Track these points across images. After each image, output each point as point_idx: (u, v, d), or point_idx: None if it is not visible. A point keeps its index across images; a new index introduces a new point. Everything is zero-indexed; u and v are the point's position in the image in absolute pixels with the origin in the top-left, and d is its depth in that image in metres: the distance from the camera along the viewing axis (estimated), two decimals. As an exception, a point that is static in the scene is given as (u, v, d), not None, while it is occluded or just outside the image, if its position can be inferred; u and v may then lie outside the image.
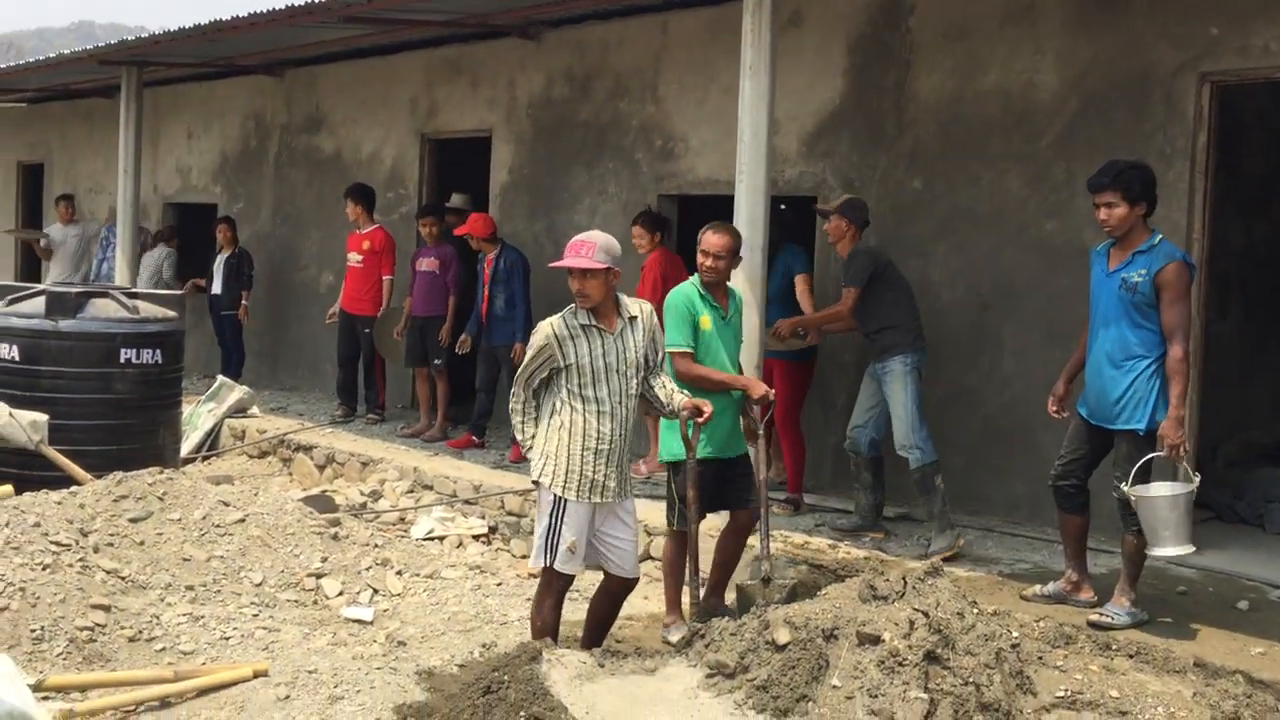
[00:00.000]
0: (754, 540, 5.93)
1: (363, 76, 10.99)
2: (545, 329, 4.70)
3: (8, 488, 4.52)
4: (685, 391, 5.07)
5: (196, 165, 13.25)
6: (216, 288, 11.26)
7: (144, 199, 12.21)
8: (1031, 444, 6.57)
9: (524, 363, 4.76)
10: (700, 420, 4.97)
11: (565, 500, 4.67)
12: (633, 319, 4.78)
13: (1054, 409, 5.41)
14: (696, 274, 5.52)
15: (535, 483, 4.80)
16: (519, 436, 4.86)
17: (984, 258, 6.82)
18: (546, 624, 4.79)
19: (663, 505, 5.66)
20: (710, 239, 5.43)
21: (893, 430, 6.26)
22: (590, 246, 4.64)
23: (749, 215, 6.17)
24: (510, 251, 8.60)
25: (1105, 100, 6.42)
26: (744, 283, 6.12)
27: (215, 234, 11.50)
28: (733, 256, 5.50)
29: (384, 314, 9.65)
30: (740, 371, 5.54)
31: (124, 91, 11.25)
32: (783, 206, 7.39)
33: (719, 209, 7.06)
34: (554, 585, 4.83)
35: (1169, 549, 4.89)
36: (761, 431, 5.36)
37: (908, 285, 6.50)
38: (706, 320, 5.41)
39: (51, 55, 12.29)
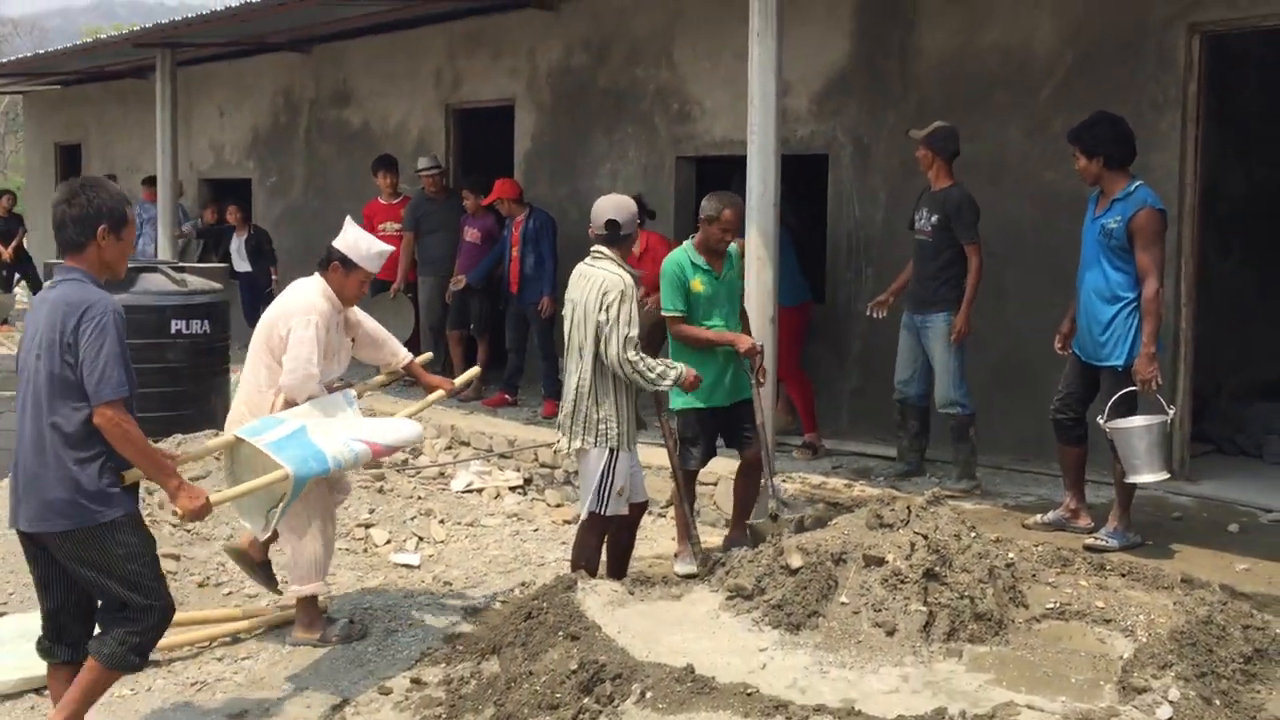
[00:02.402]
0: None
1: (387, 51, 11.33)
2: (626, 278, 5.06)
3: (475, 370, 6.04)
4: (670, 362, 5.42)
5: (229, 141, 13.65)
6: (246, 266, 11.69)
7: (180, 176, 12.62)
8: (1036, 385, 6.87)
9: (629, 319, 4.96)
10: None
11: (618, 452, 5.06)
12: None
13: (1059, 346, 5.74)
14: (689, 240, 5.85)
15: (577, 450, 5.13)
16: (669, 377, 5.06)
17: (988, 208, 7.08)
18: (590, 561, 5.22)
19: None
20: (729, 217, 5.73)
21: (935, 387, 6.51)
22: None
23: (760, 174, 6.47)
24: (539, 213, 8.96)
25: (1100, 52, 6.69)
26: (757, 237, 6.46)
27: (226, 216, 11.96)
28: (738, 224, 5.84)
29: (379, 299, 9.90)
30: (741, 322, 5.88)
31: (159, 72, 11.64)
32: None
33: (735, 168, 7.39)
34: (598, 527, 5.23)
35: (1143, 476, 5.22)
36: (757, 381, 5.75)
37: None
38: (698, 283, 5.75)
39: (89, 40, 12.71)
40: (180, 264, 8.85)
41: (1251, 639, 4.10)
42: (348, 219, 5.30)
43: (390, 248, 5.25)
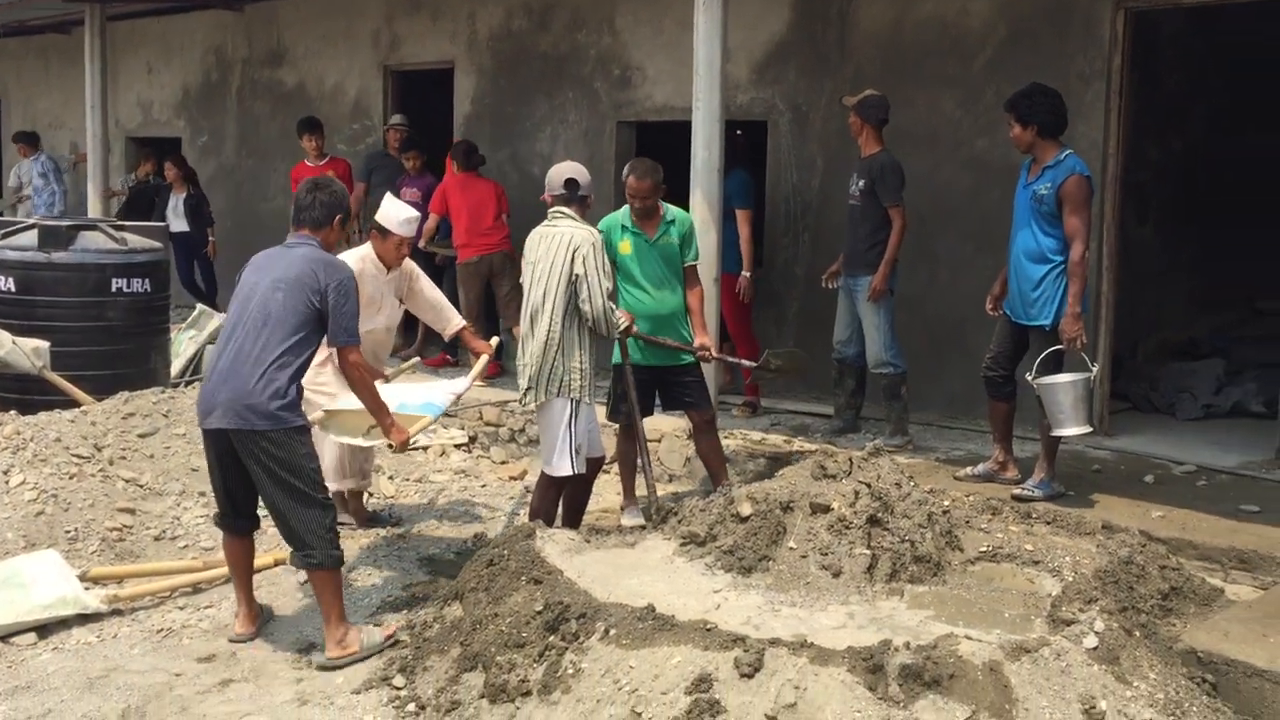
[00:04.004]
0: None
1: (324, 10, 11.26)
2: (594, 232, 5.26)
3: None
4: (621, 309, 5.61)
5: (158, 99, 13.44)
6: (183, 227, 11.46)
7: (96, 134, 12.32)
8: (966, 346, 7.18)
9: (606, 270, 5.24)
10: None
11: (580, 404, 5.21)
12: None
13: (990, 308, 6.03)
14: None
15: (539, 403, 5.28)
16: (620, 322, 5.37)
17: (921, 176, 7.35)
18: (548, 514, 5.41)
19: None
20: (633, 184, 5.82)
21: (867, 348, 6.77)
22: None
23: (705, 139, 6.67)
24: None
25: (1031, 26, 6.97)
26: (702, 202, 6.66)
27: (165, 173, 11.74)
28: (656, 190, 5.85)
29: None
30: (665, 284, 5.91)
31: (88, 28, 11.44)
32: (739, 132, 7.86)
33: (676, 134, 7.57)
34: (558, 482, 5.40)
35: (1067, 429, 5.53)
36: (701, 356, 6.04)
37: None
38: (626, 245, 5.88)
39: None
40: (120, 222, 8.77)
41: (1168, 578, 4.43)
42: (387, 194, 6.03)
43: (417, 213, 5.80)
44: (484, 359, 5.94)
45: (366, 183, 9.95)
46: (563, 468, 5.28)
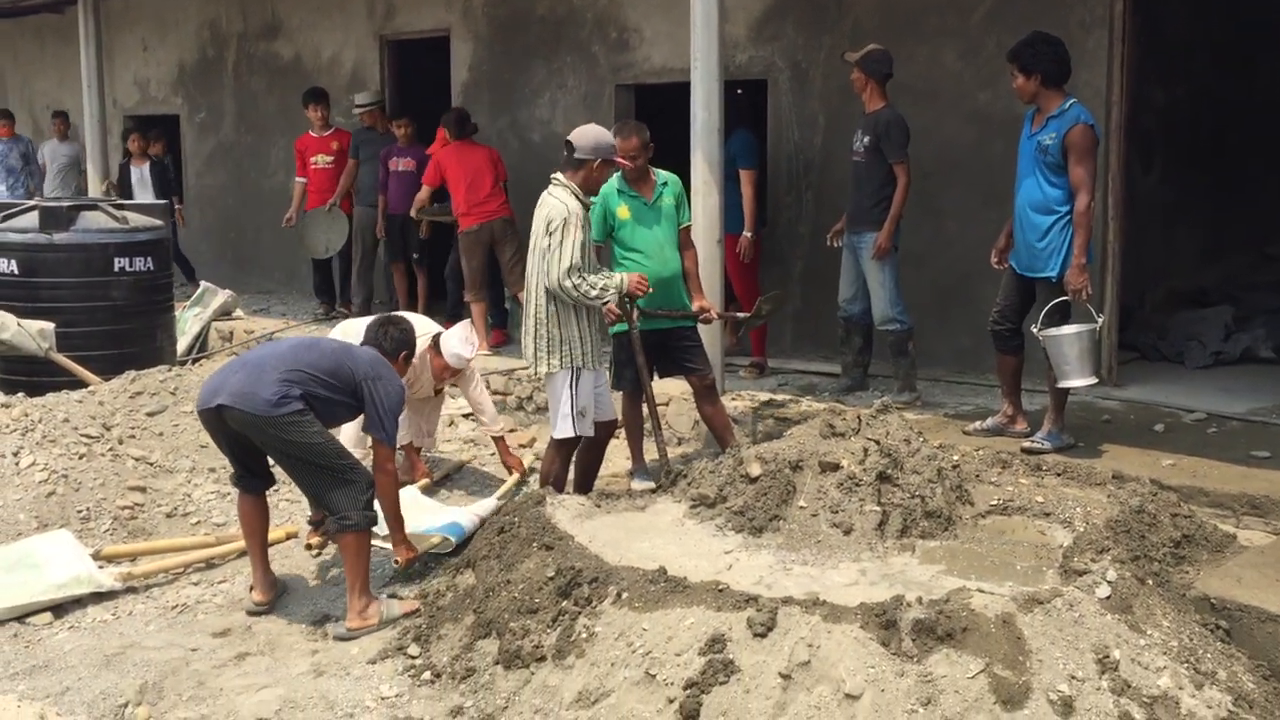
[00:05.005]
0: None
1: (317, -19, 11.16)
2: (571, 205, 5.14)
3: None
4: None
5: (154, 77, 13.35)
6: (150, 198, 11.32)
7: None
8: (973, 300, 7.14)
9: (571, 247, 5.07)
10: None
11: (581, 371, 5.20)
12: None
13: (995, 261, 5.98)
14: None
15: (547, 374, 5.29)
16: (610, 289, 5.24)
17: (924, 130, 7.28)
18: (558, 479, 5.41)
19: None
20: (620, 144, 5.69)
21: (872, 305, 6.73)
22: None
23: (704, 100, 6.60)
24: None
25: (1031, -26, 6.88)
26: (702, 163, 6.61)
27: (128, 146, 11.67)
28: (644, 149, 5.78)
29: (314, 213, 10.09)
30: (666, 246, 5.84)
31: (82, 6, 11.37)
32: (739, 91, 7.80)
33: (677, 96, 7.51)
34: (567, 447, 5.41)
35: (1074, 380, 5.51)
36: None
37: None
38: (625, 210, 5.80)
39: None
40: (120, 201, 8.75)
41: (1180, 526, 4.42)
42: (462, 324, 6.04)
43: (473, 353, 5.89)
44: (515, 477, 6.09)
45: (356, 159, 9.93)
46: (565, 430, 5.29)
